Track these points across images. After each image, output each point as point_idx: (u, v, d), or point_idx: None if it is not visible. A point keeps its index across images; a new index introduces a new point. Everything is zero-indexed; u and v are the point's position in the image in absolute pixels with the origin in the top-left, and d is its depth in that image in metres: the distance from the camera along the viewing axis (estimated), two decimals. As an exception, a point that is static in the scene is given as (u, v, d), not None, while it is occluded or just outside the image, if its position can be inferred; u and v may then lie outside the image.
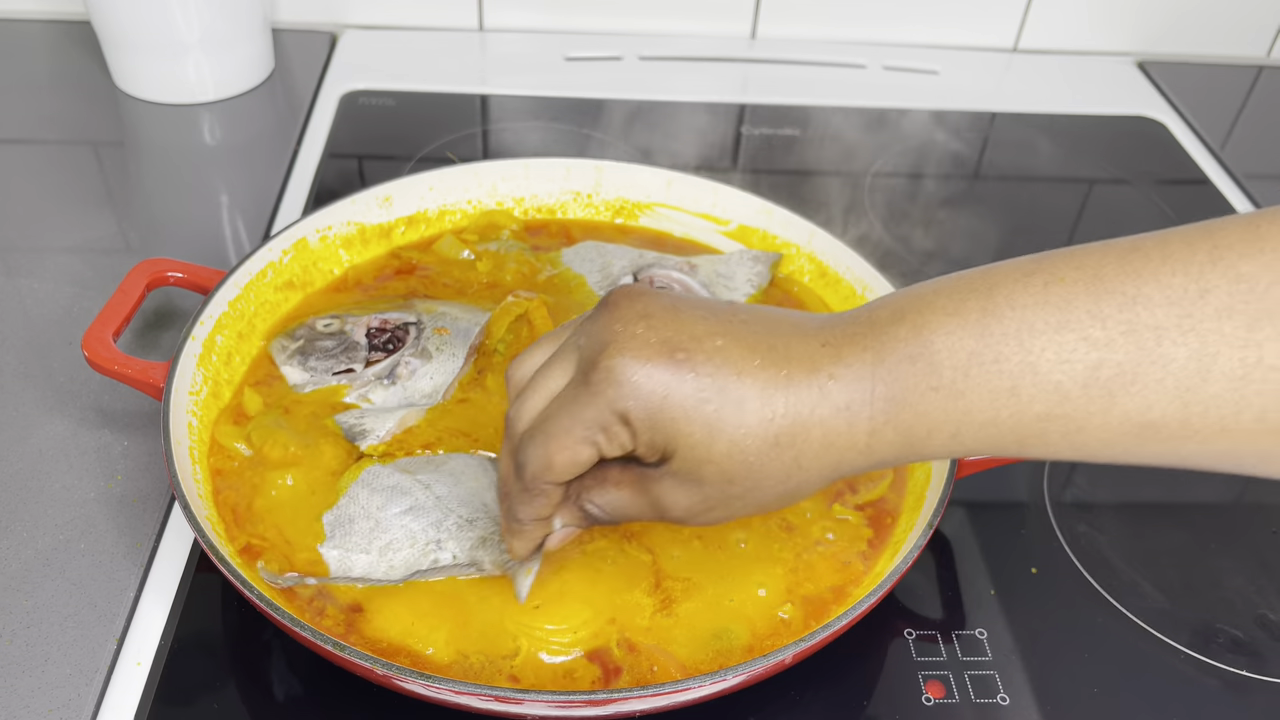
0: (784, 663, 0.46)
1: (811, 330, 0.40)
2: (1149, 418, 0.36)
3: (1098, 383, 0.36)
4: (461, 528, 0.52)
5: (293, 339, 0.62)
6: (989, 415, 0.38)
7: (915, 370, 0.38)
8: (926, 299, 0.39)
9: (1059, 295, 0.37)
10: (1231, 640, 0.55)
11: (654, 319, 0.40)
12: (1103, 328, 0.36)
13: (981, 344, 0.37)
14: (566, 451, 0.40)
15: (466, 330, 0.62)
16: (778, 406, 0.39)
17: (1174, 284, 0.36)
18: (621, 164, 0.74)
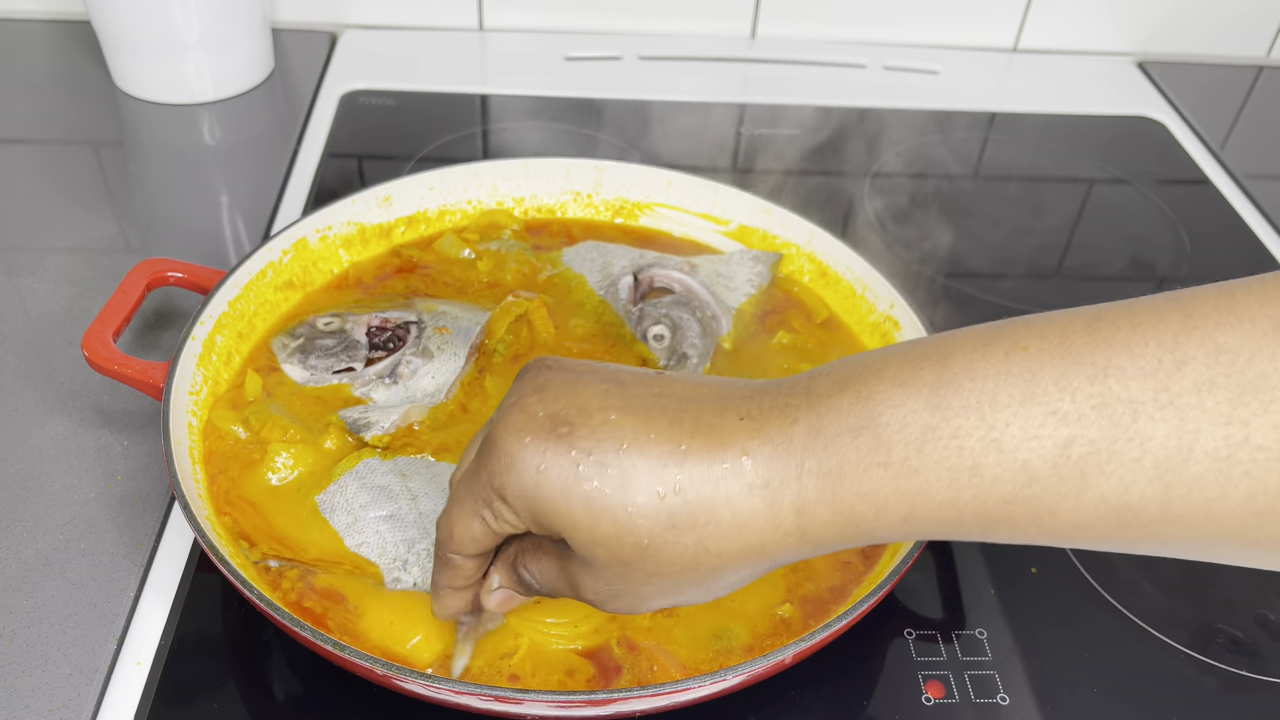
0: (784, 663, 0.46)
1: (735, 403, 0.37)
2: (1127, 500, 0.33)
3: (1069, 461, 0.33)
4: (431, 557, 0.51)
5: (293, 337, 0.62)
6: (948, 496, 0.34)
7: (858, 444, 0.35)
8: (873, 368, 0.36)
9: (1022, 365, 0.34)
10: (1231, 640, 0.55)
11: (547, 391, 0.38)
12: (1072, 401, 0.33)
13: (937, 417, 0.34)
14: (460, 524, 0.40)
15: (467, 329, 0.62)
16: (670, 483, 0.35)
17: (1147, 354, 0.33)
18: (621, 164, 0.74)
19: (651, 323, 0.64)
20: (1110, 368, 0.33)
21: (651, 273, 0.68)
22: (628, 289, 0.66)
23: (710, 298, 0.66)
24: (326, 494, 0.53)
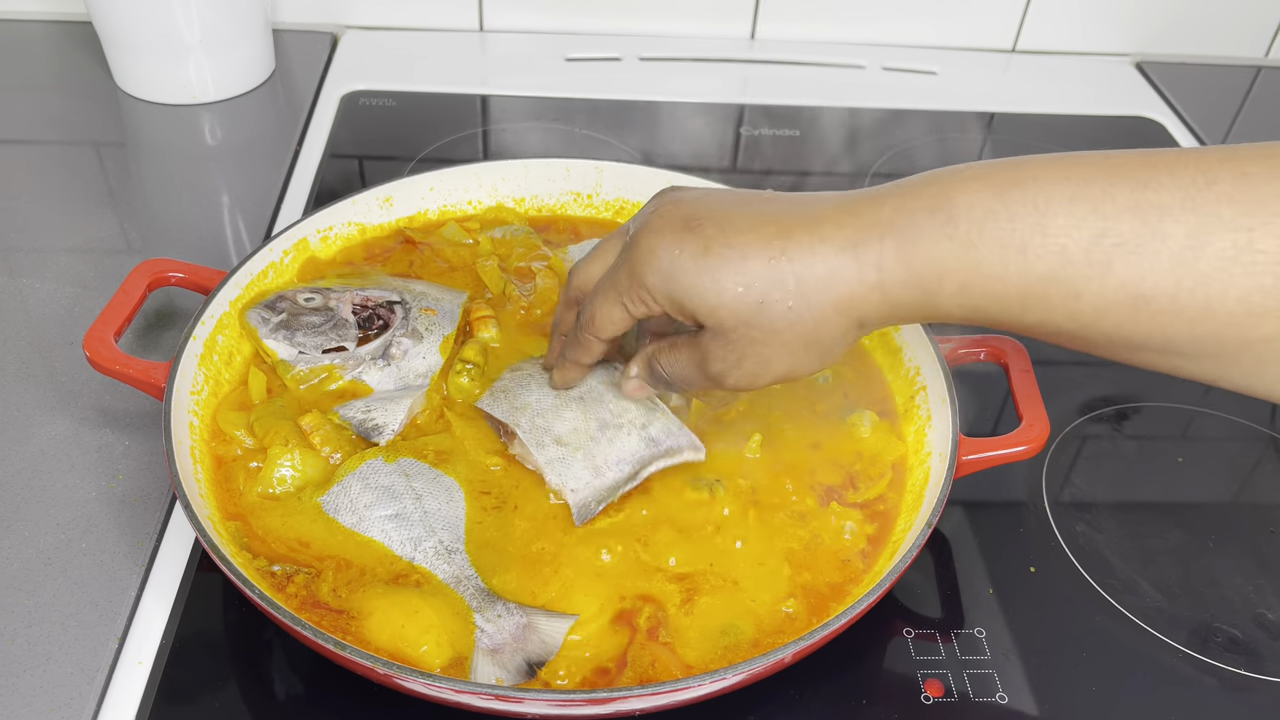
0: (783, 661, 0.46)
1: (831, 197, 0.45)
2: (1142, 288, 0.39)
3: (1099, 249, 0.39)
4: (439, 554, 0.51)
5: (274, 311, 0.60)
6: (998, 269, 0.41)
7: (933, 220, 0.42)
8: (960, 172, 0.43)
9: (1079, 175, 0.40)
10: (1229, 639, 0.55)
11: (681, 202, 0.47)
12: (1113, 203, 0.39)
13: (999, 204, 0.41)
14: (603, 310, 0.49)
15: (450, 311, 0.63)
16: (777, 250, 0.43)
17: (1184, 175, 0.39)
18: (621, 164, 0.74)
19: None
20: (1151, 182, 0.39)
21: None
22: None
23: None
24: (330, 495, 0.53)
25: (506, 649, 0.47)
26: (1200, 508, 0.62)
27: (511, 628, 0.48)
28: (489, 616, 0.48)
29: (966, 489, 0.60)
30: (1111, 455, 0.65)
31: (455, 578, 0.50)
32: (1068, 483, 0.63)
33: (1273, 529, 0.61)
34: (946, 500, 0.51)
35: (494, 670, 0.47)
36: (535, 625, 0.48)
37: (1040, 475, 0.63)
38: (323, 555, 0.51)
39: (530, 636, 0.48)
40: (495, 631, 0.48)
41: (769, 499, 0.56)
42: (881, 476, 0.57)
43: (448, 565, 0.50)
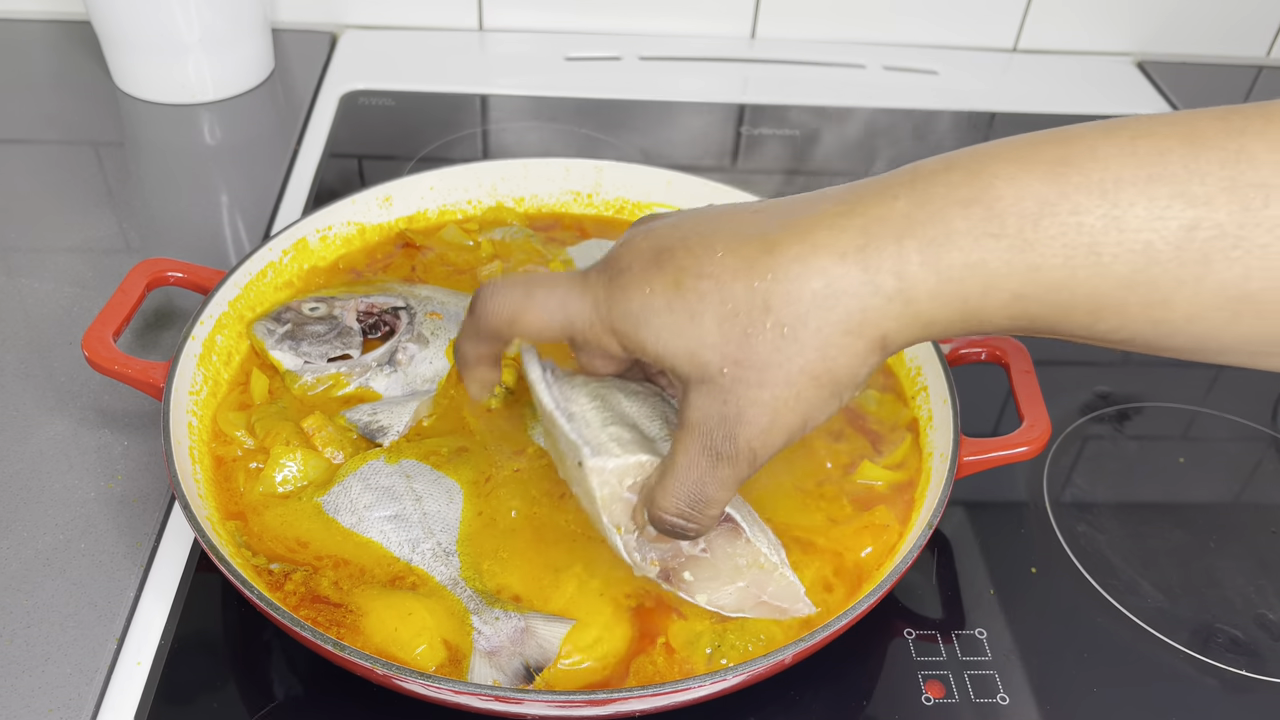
0: (784, 663, 0.46)
1: (831, 196, 0.37)
2: (1247, 289, 0.32)
3: (1194, 244, 0.32)
4: (437, 556, 0.51)
5: (279, 322, 0.61)
6: (1062, 275, 0.33)
7: (968, 214, 0.33)
8: (987, 150, 0.35)
9: (1150, 148, 0.32)
10: (1231, 640, 0.55)
11: (654, 232, 0.39)
12: (1202, 183, 0.31)
13: (1055, 192, 0.33)
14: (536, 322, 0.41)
15: (456, 314, 0.62)
16: (761, 269, 0.35)
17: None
18: (621, 164, 0.74)
19: None
20: (1243, 153, 0.31)
21: None
22: None
23: None
24: (330, 495, 0.53)
25: (504, 652, 0.47)
26: (1202, 508, 0.62)
27: (509, 631, 0.48)
28: (486, 619, 0.48)
29: (967, 489, 0.60)
30: (1113, 455, 0.65)
31: (452, 580, 0.50)
32: (1069, 483, 0.63)
33: (1274, 529, 0.61)
34: (947, 501, 0.51)
35: (491, 672, 0.46)
36: (533, 629, 0.48)
37: (1041, 476, 0.63)
38: (321, 555, 0.51)
39: (528, 640, 0.48)
40: (493, 634, 0.48)
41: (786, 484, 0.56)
42: (902, 439, 0.57)
43: (445, 568, 0.50)
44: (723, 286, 0.36)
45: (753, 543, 0.48)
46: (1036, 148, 0.34)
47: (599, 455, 0.44)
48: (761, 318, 0.35)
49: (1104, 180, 0.32)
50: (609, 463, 0.44)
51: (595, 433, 0.46)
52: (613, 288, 0.39)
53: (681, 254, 0.37)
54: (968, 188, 0.34)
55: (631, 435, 0.46)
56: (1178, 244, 0.32)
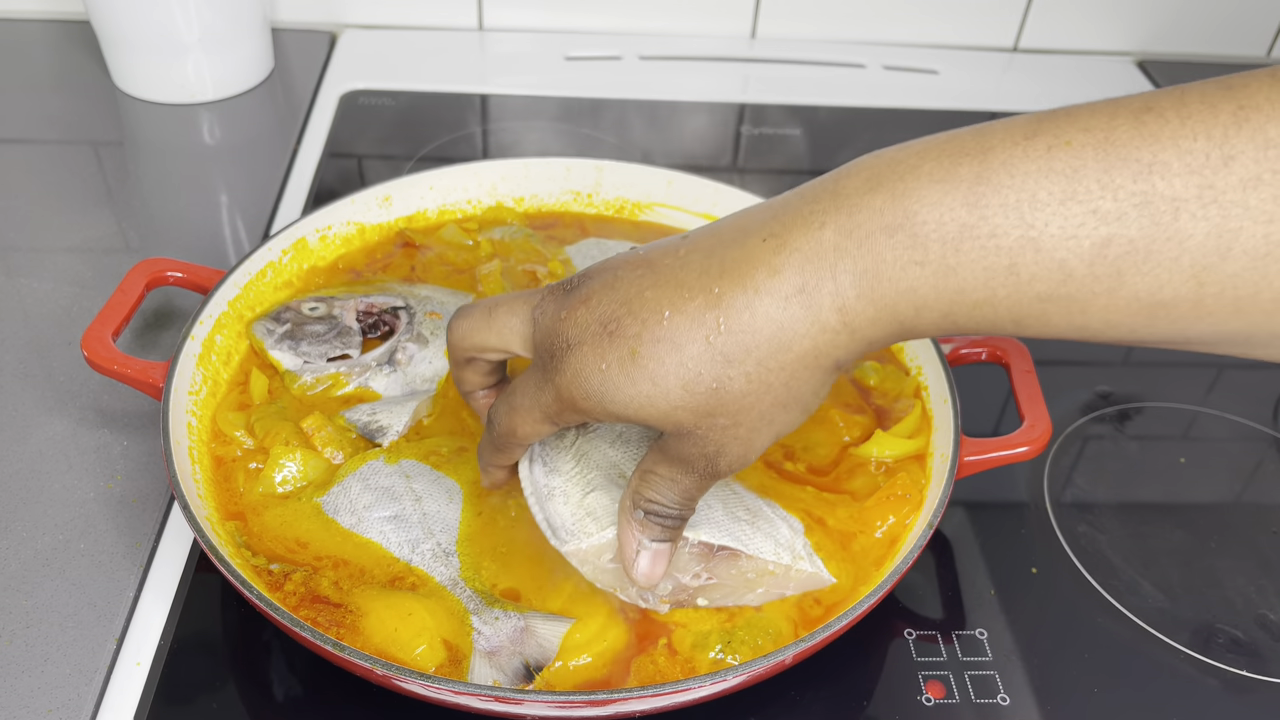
0: (784, 663, 0.46)
1: (755, 227, 0.38)
2: (1160, 298, 0.33)
3: (1106, 260, 0.33)
4: (436, 557, 0.51)
5: (278, 322, 0.61)
6: (984, 295, 0.35)
7: (894, 243, 0.35)
8: (908, 163, 0.35)
9: (1065, 162, 0.33)
10: (1231, 640, 0.55)
11: (591, 299, 0.40)
12: (1114, 199, 0.32)
13: (975, 215, 0.34)
14: (528, 426, 0.43)
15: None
16: (712, 325, 0.37)
17: (1195, 149, 0.32)
18: (621, 164, 0.74)
19: None
20: (1156, 164, 0.32)
21: None
22: None
23: None
24: (330, 495, 0.53)
25: (504, 651, 0.47)
26: (1202, 508, 0.62)
27: (509, 630, 0.48)
28: (486, 619, 0.48)
29: (968, 490, 0.60)
30: (1113, 455, 0.65)
31: (452, 580, 0.50)
32: (1069, 483, 0.63)
33: (1275, 529, 0.61)
34: (948, 501, 0.51)
35: (491, 672, 0.46)
36: (533, 628, 0.48)
37: (1042, 476, 0.63)
38: (320, 555, 0.51)
39: (528, 640, 0.47)
40: (493, 634, 0.48)
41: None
42: (910, 409, 0.58)
43: (445, 568, 0.50)
44: (680, 350, 0.37)
45: (756, 557, 0.48)
46: (956, 163, 0.35)
47: (573, 539, 0.47)
48: (724, 370, 0.37)
49: (1020, 201, 0.33)
50: (583, 543, 0.47)
51: (573, 510, 0.48)
52: (566, 370, 0.40)
53: (629, 322, 0.38)
54: (891, 213, 0.35)
55: (611, 498, 0.48)
56: (1091, 260, 0.33)
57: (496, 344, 0.44)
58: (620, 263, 0.41)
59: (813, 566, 0.50)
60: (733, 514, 0.49)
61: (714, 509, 0.49)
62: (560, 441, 0.50)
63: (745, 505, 0.50)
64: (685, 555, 0.48)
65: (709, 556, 0.48)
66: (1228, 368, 0.72)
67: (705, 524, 0.48)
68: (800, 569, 0.49)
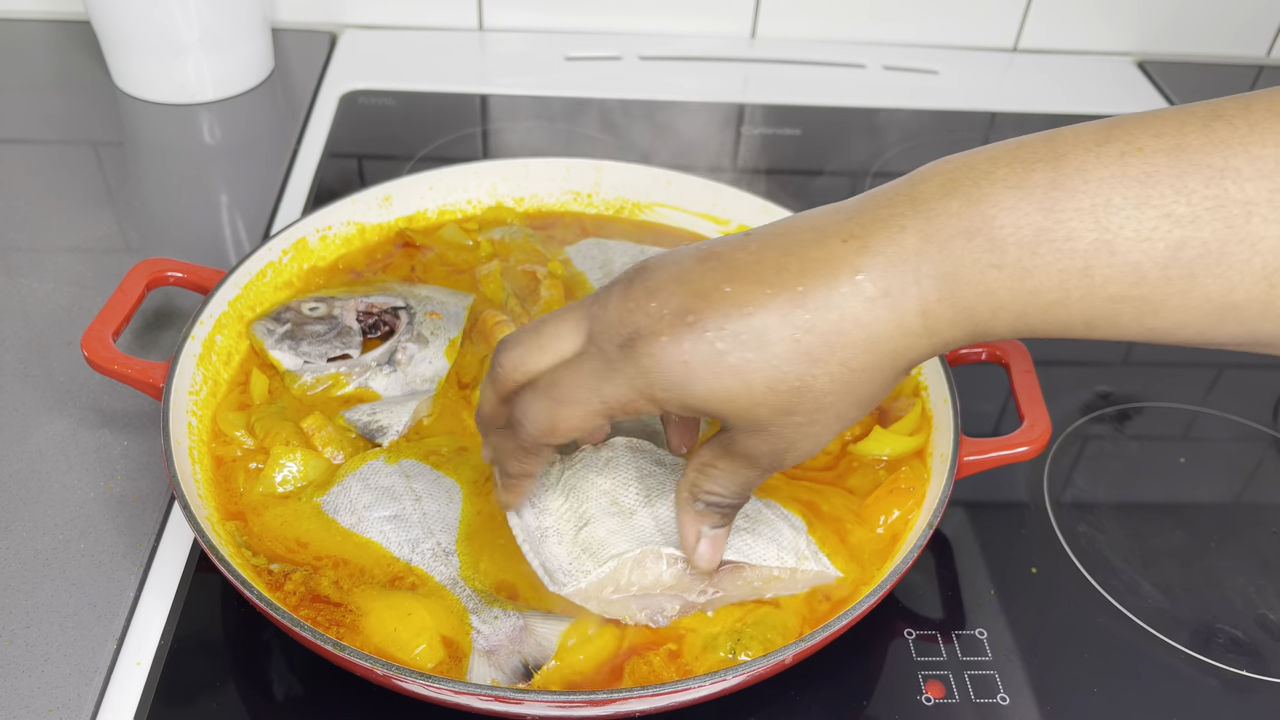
0: (784, 663, 0.46)
1: (833, 228, 0.38)
2: (1231, 299, 0.34)
3: (1179, 263, 0.34)
4: (436, 556, 0.51)
5: (279, 322, 0.61)
6: (1058, 296, 0.36)
7: (973, 246, 0.36)
8: (982, 169, 0.37)
9: (1138, 167, 0.34)
10: (1231, 640, 0.55)
11: (661, 290, 0.39)
12: (1188, 204, 0.34)
13: (1051, 220, 0.35)
14: (576, 419, 0.40)
15: (456, 314, 0.62)
16: (799, 324, 0.37)
17: (1265, 155, 0.33)
18: (621, 164, 0.74)
19: None
20: (1227, 170, 0.33)
21: None
22: None
23: None
24: (330, 495, 0.53)
25: (503, 650, 0.47)
26: (1202, 508, 0.62)
27: (508, 629, 0.48)
28: (485, 618, 0.48)
29: (968, 489, 0.60)
30: (1113, 455, 0.65)
31: (452, 579, 0.50)
32: (1069, 483, 0.63)
33: (1275, 529, 0.61)
34: (948, 501, 0.51)
35: (490, 671, 0.46)
36: (532, 627, 0.48)
37: (1042, 476, 0.63)
38: (320, 555, 0.51)
39: (527, 638, 0.48)
40: (491, 633, 0.48)
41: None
42: (910, 407, 0.58)
43: (445, 567, 0.50)
44: (766, 348, 0.37)
45: (760, 566, 0.48)
46: (1030, 168, 0.36)
47: (571, 580, 0.46)
48: (809, 369, 0.37)
49: (1095, 206, 0.34)
50: (582, 583, 0.46)
51: (568, 549, 0.47)
52: (643, 360, 0.38)
53: (709, 315, 0.38)
54: (969, 217, 0.36)
55: (607, 529, 0.47)
56: (1164, 263, 0.34)
57: (552, 362, 0.41)
58: (683, 256, 0.40)
59: (818, 564, 0.50)
60: (733, 525, 0.49)
61: None
62: (545, 479, 0.50)
63: (744, 513, 0.50)
64: (689, 576, 0.48)
65: (713, 572, 0.48)
66: (1228, 368, 0.72)
67: None
68: (806, 569, 0.49)
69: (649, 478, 0.50)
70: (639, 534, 0.47)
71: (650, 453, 0.51)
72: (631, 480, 0.50)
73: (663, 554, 0.47)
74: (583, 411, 0.40)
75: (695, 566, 0.46)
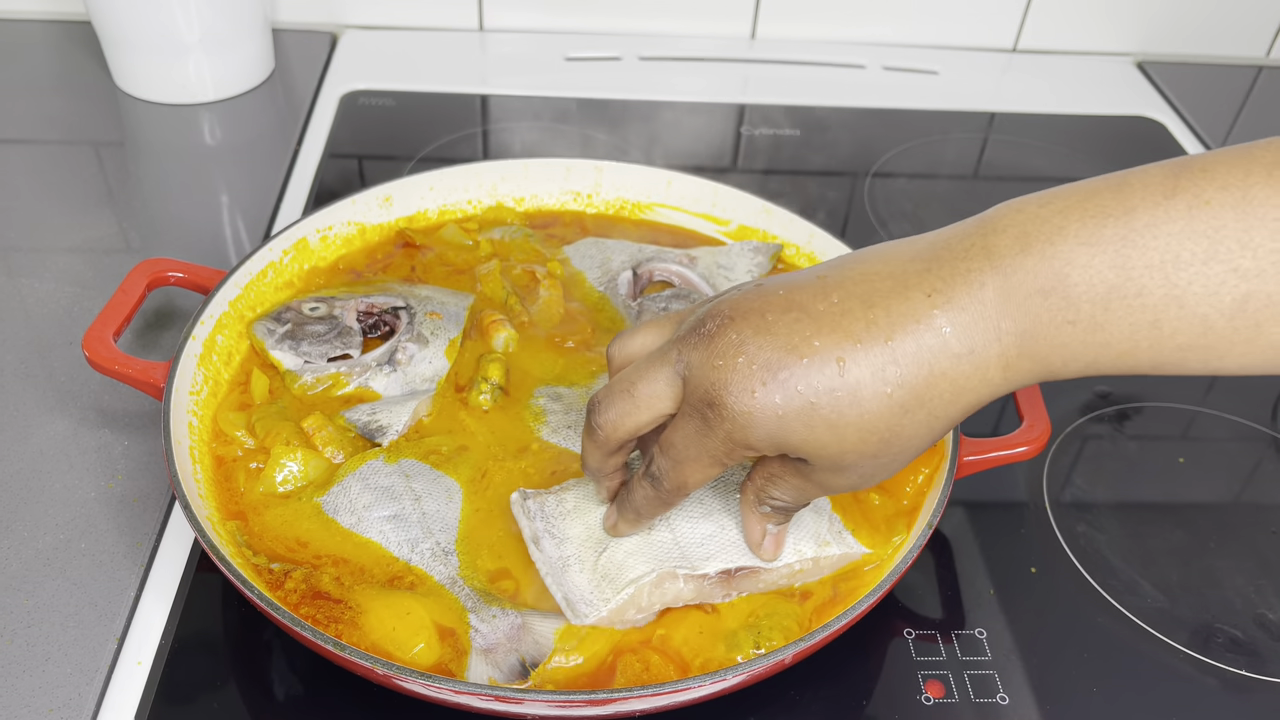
0: (784, 662, 0.46)
1: (914, 279, 0.39)
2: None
3: (1245, 314, 0.36)
4: (436, 556, 0.51)
5: (279, 322, 0.61)
6: (1127, 347, 0.37)
7: (1049, 305, 0.38)
8: (1054, 223, 0.38)
9: (1206, 222, 0.36)
10: (1230, 640, 0.55)
11: (748, 345, 0.40)
12: (1253, 258, 0.35)
13: (1122, 277, 0.36)
14: (697, 475, 0.43)
15: (456, 314, 0.62)
16: (891, 379, 0.38)
17: None
18: (621, 164, 0.74)
19: (650, 317, 0.64)
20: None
21: (650, 266, 0.68)
22: (627, 284, 0.67)
23: (710, 290, 0.66)
24: (330, 495, 0.53)
25: (500, 649, 0.47)
26: (1201, 508, 0.62)
27: (505, 628, 0.48)
28: (484, 617, 0.48)
29: (967, 489, 0.60)
30: (1112, 455, 0.65)
31: (451, 579, 0.50)
32: (1069, 483, 0.63)
33: (1274, 529, 0.61)
34: (947, 501, 0.51)
35: (488, 669, 0.46)
36: (529, 626, 0.48)
37: (1041, 475, 0.63)
38: (320, 555, 0.51)
39: (524, 637, 0.48)
40: (490, 631, 0.48)
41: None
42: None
43: (444, 566, 0.50)
44: (859, 403, 0.39)
45: (775, 566, 0.49)
46: (1101, 224, 0.37)
47: (593, 610, 0.48)
48: (900, 420, 0.39)
49: (1164, 262, 0.36)
50: (603, 611, 0.48)
51: (589, 576, 0.49)
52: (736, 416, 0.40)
53: (801, 371, 0.39)
54: (1044, 275, 0.37)
55: (625, 550, 0.49)
56: (1231, 314, 0.36)
57: (650, 419, 0.44)
58: (761, 304, 0.41)
59: (841, 547, 0.51)
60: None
61: (727, 529, 0.50)
62: (561, 507, 0.51)
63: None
64: (707, 586, 0.49)
65: (730, 579, 0.49)
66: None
67: (720, 553, 0.49)
68: (828, 554, 0.50)
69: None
70: (658, 553, 0.49)
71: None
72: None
73: (679, 574, 0.48)
74: (698, 468, 0.43)
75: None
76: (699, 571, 0.48)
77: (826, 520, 0.51)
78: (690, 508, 0.50)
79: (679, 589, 0.49)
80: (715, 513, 0.50)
